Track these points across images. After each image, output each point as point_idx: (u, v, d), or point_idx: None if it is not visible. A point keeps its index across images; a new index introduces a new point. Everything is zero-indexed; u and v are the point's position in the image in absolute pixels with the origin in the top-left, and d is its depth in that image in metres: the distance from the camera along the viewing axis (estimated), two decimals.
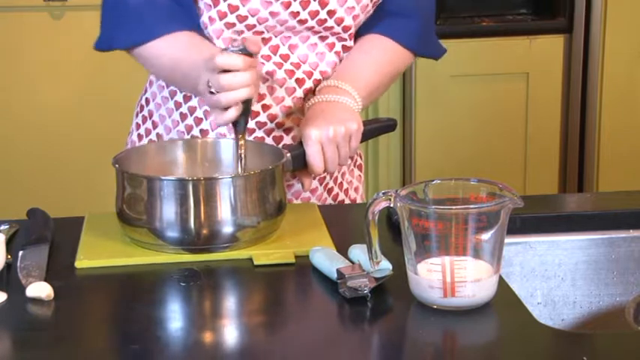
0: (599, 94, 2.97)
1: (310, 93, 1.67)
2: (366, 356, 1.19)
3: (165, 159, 1.58)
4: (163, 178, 1.45)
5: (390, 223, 1.52)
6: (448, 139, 2.95)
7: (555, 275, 1.55)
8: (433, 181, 1.32)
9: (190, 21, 1.63)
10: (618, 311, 1.51)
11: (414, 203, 1.26)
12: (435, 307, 1.25)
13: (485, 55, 2.93)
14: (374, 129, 1.66)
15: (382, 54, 1.69)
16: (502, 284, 1.32)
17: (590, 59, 2.98)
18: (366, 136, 1.61)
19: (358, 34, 1.70)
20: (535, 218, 1.56)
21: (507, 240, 1.33)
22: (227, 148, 1.58)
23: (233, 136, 1.57)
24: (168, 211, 1.41)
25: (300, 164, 1.57)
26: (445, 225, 1.24)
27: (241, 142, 1.50)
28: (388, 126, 1.69)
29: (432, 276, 1.24)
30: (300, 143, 1.57)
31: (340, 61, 1.68)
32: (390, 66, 1.70)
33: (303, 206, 1.64)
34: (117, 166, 1.48)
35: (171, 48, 1.62)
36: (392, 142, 2.96)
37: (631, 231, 1.57)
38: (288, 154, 1.54)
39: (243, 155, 1.50)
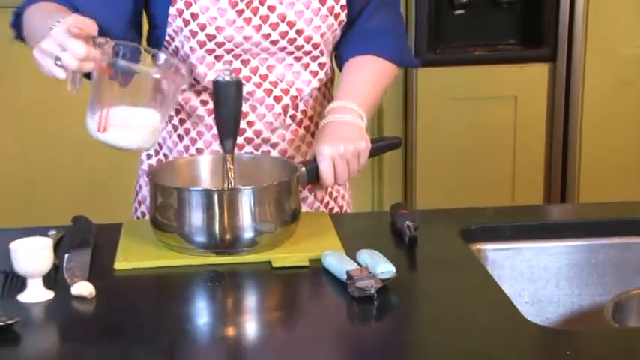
0: (580, 116, 2.97)
1: (288, 108, 1.66)
2: (372, 349, 1.19)
3: (193, 172, 1.58)
4: (191, 189, 1.45)
5: (394, 231, 1.52)
6: (445, 154, 2.95)
7: (541, 277, 1.55)
8: None
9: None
10: (598, 310, 1.51)
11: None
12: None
13: (478, 80, 2.93)
14: (381, 147, 1.65)
15: (373, 71, 1.68)
16: (494, 285, 1.32)
17: (572, 85, 2.98)
18: (374, 153, 1.61)
19: (347, 57, 1.70)
20: (523, 226, 1.56)
21: (499, 245, 1.33)
22: (248, 162, 1.58)
23: (250, 150, 1.61)
24: (195, 218, 1.41)
25: (313, 178, 1.56)
26: None
27: (229, 160, 1.48)
28: (394, 144, 1.68)
29: None
30: (314, 159, 1.56)
31: (315, 77, 1.67)
32: (381, 80, 1.70)
33: (315, 215, 1.64)
34: (150, 178, 1.48)
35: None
36: (395, 158, 2.96)
37: (609, 238, 1.56)
38: (303, 169, 1.54)
39: (232, 173, 1.49)
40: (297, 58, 1.65)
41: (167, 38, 1.63)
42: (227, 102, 1.47)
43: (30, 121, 2.92)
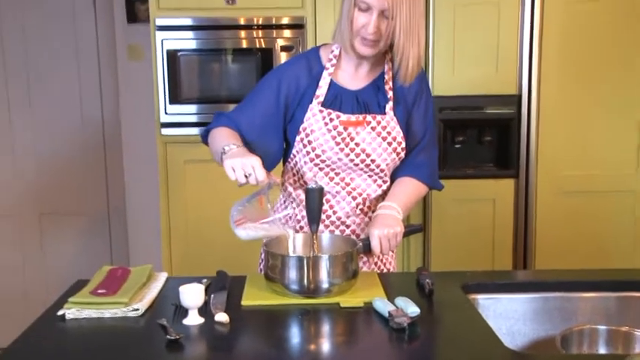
0: (535, 214, 2.90)
1: (360, 204, 1.65)
2: None
3: (292, 244, 1.57)
4: (290, 255, 1.44)
5: (419, 285, 1.48)
6: (450, 236, 2.90)
7: (513, 317, 1.49)
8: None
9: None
10: (550, 340, 1.45)
11: None
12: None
13: (470, 189, 2.89)
14: (410, 230, 1.64)
15: (411, 187, 1.68)
16: (483, 322, 1.28)
17: (529, 194, 2.92)
18: (406, 234, 1.59)
19: (396, 175, 1.69)
20: (502, 284, 1.52)
21: (486, 296, 1.29)
22: (326, 239, 1.57)
23: (327, 231, 1.61)
24: (292, 274, 1.40)
25: (367, 249, 1.55)
26: None
27: (314, 237, 1.49)
28: (418, 229, 1.67)
29: None
30: (368, 237, 1.55)
31: (379, 188, 1.66)
32: (415, 193, 1.69)
33: (368, 274, 1.61)
34: (265, 247, 1.48)
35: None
36: (418, 237, 2.92)
37: (557, 293, 1.51)
38: (360, 244, 1.53)
39: (315, 246, 1.49)
40: (370, 175, 1.66)
41: (291, 155, 1.66)
42: (313, 201, 1.47)
43: (193, 207, 2.97)
